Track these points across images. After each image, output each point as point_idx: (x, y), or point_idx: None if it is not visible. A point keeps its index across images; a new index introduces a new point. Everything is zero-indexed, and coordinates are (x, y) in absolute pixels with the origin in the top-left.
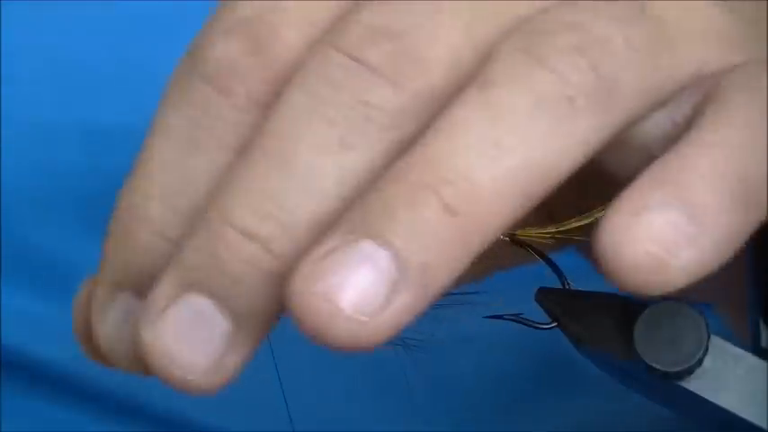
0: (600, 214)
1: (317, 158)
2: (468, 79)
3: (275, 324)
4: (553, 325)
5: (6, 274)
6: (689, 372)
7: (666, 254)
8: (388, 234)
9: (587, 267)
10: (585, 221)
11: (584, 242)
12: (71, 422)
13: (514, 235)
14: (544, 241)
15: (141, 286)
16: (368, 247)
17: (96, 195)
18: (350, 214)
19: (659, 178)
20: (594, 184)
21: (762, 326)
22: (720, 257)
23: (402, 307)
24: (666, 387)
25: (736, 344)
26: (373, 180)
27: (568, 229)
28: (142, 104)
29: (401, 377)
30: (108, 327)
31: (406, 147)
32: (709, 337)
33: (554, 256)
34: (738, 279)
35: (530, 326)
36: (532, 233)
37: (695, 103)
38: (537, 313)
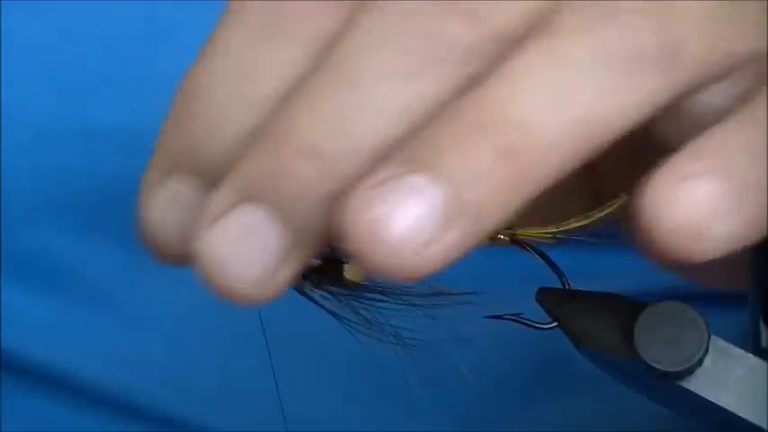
0: (599, 215)
1: (386, 85)
2: (539, 27)
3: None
4: (553, 325)
5: (6, 275)
6: (689, 372)
7: (704, 222)
8: (445, 170)
9: (587, 267)
10: (585, 221)
11: (587, 241)
12: (70, 423)
13: (514, 234)
14: (544, 241)
15: (197, 170)
16: (422, 180)
17: (96, 197)
18: (408, 146)
19: (705, 149)
20: (640, 148)
21: (762, 326)
22: (756, 232)
23: (450, 243)
24: (666, 387)
25: (736, 344)
26: (437, 114)
27: (568, 229)
28: (142, 106)
29: (401, 377)
30: (156, 211)
31: (472, 84)
32: (709, 338)
33: (554, 257)
34: None
35: (530, 326)
36: (532, 233)
37: (754, 79)
38: (537, 313)
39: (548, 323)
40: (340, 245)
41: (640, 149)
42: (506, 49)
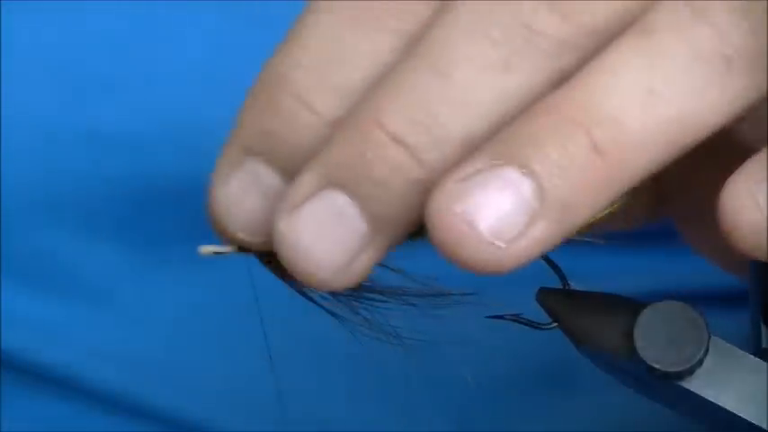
0: (600, 215)
1: (477, 76)
2: (633, 24)
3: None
4: (553, 325)
5: (6, 275)
6: (689, 372)
7: None
8: (535, 164)
9: (587, 267)
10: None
11: (587, 241)
12: (71, 423)
13: None
14: None
15: (274, 155)
16: (512, 173)
17: (98, 199)
18: (498, 138)
19: None
20: (708, 148)
21: (762, 326)
22: None
23: (538, 237)
24: (667, 387)
25: (736, 344)
26: (528, 107)
27: None
28: (143, 108)
29: (401, 377)
30: (229, 192)
31: (563, 79)
32: (709, 338)
33: (554, 257)
34: None
35: (530, 326)
36: None
37: None
38: (537, 313)
39: (548, 323)
40: (424, 235)
41: (708, 149)
42: (600, 44)
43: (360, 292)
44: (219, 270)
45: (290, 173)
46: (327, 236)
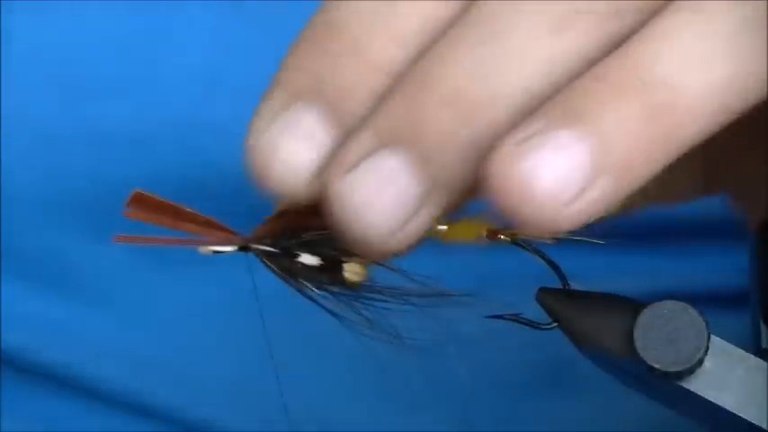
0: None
1: (531, 38)
2: None
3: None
4: (553, 325)
5: (8, 275)
6: (689, 372)
7: None
8: (591, 126)
9: (587, 267)
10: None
11: (587, 241)
12: (73, 422)
13: (515, 235)
14: (544, 241)
15: (320, 100)
16: (569, 136)
17: (98, 200)
18: (555, 101)
19: None
20: (749, 125)
21: (762, 326)
22: None
23: (595, 198)
24: (667, 387)
25: (736, 344)
26: (583, 70)
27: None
28: (144, 108)
29: (401, 377)
30: (269, 138)
31: (618, 44)
32: (709, 337)
33: (554, 257)
34: None
35: (530, 326)
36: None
37: None
38: (537, 313)
39: (548, 323)
40: (480, 196)
41: (758, 125)
42: (654, 10)
43: (360, 292)
44: (220, 269)
45: (334, 120)
46: (381, 197)
